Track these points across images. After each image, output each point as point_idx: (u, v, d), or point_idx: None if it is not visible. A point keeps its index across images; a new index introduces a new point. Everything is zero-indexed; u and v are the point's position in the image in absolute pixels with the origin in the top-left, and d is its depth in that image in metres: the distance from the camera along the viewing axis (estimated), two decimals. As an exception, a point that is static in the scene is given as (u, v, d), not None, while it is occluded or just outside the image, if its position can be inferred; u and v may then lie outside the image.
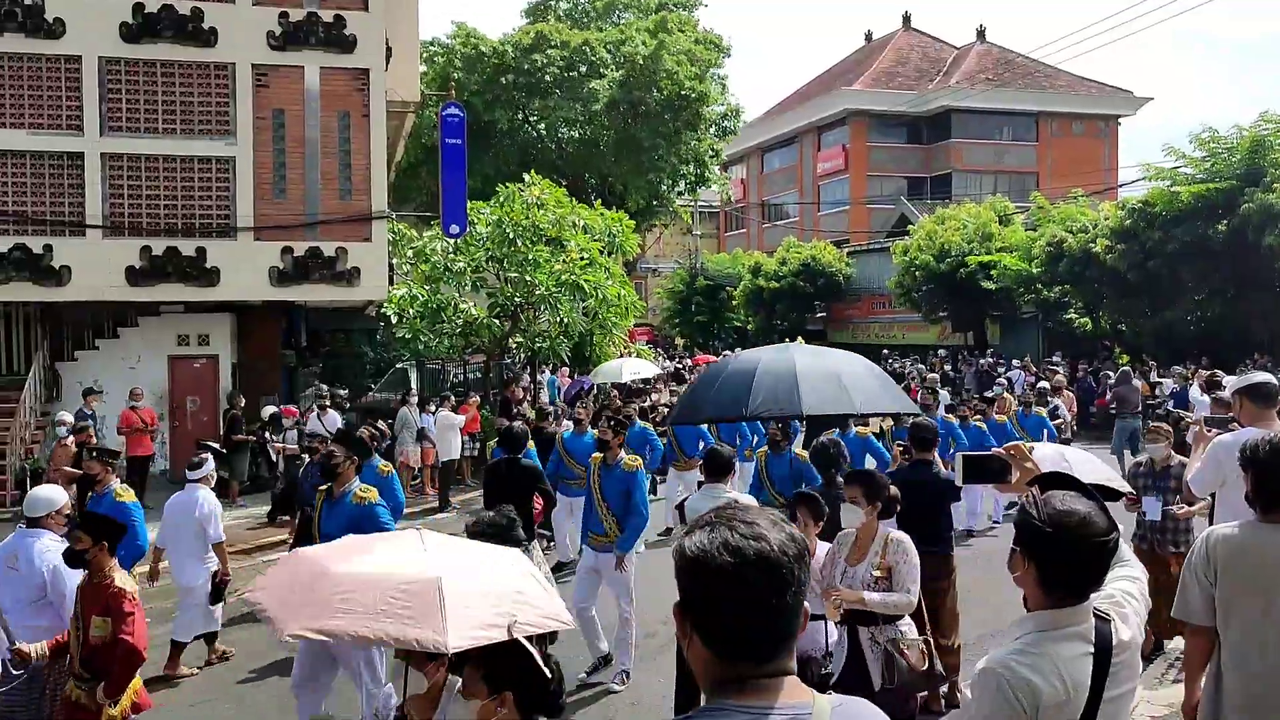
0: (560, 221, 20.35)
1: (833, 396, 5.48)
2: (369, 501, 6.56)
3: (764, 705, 1.67)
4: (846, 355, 6.25)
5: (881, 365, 30.45)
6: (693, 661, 1.75)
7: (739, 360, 5.91)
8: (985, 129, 49.72)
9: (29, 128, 16.23)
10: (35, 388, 16.69)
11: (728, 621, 1.68)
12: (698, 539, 1.72)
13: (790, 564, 1.70)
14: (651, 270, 53.83)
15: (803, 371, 5.60)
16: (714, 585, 1.67)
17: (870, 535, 5.43)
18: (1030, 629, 2.62)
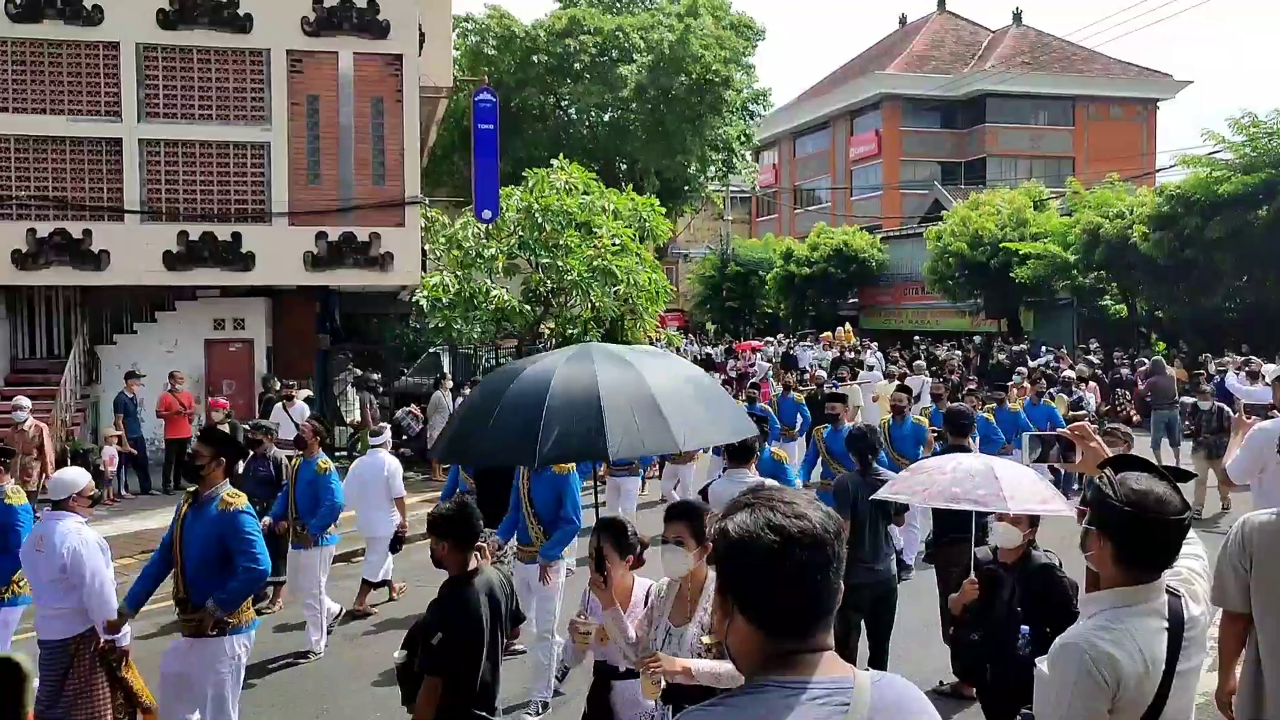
0: (590, 206, 20.35)
1: (648, 432, 3.97)
2: (234, 508, 5.62)
3: (805, 679, 1.70)
4: (666, 365, 4.47)
5: (915, 351, 30.68)
6: (734, 642, 1.78)
7: (527, 376, 4.23)
8: (1021, 113, 49.15)
9: (69, 114, 16.44)
10: (75, 370, 16.93)
11: (774, 599, 1.72)
12: (740, 520, 1.75)
13: (832, 540, 1.75)
14: (682, 255, 53.72)
15: (608, 399, 3.97)
16: (760, 564, 1.71)
17: (699, 586, 4.10)
18: (1106, 605, 2.69)
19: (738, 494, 1.88)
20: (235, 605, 5.60)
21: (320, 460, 8.64)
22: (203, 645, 5.60)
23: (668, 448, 4.06)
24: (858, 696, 1.71)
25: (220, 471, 5.73)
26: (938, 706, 1.89)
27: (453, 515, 4.63)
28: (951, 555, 7.11)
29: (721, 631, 1.80)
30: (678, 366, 4.56)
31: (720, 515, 1.81)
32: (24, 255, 16.25)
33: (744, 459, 6.76)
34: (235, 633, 5.64)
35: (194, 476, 5.81)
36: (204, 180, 16.96)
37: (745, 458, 6.76)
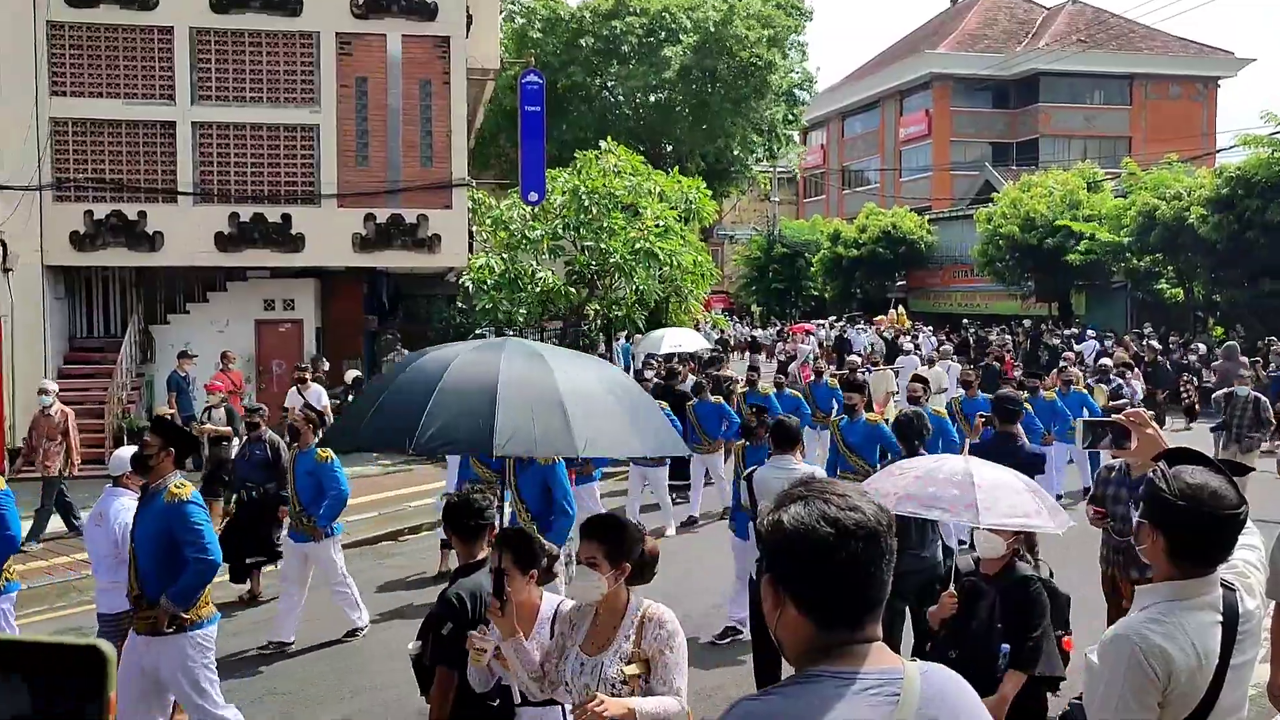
0: (636, 188, 20.32)
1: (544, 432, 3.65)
2: (180, 499, 5.41)
3: (856, 670, 1.72)
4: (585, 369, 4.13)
5: (963, 335, 30.32)
6: (785, 632, 1.80)
7: (424, 363, 4.02)
8: (1075, 92, 48.25)
9: (124, 97, 16.70)
10: (130, 350, 17.26)
11: (827, 591, 1.74)
12: (795, 512, 1.76)
13: (885, 533, 1.76)
14: (728, 237, 53.51)
15: (506, 394, 3.65)
16: (814, 557, 1.73)
17: (618, 612, 3.62)
18: (1160, 598, 2.67)
19: (784, 482, 1.89)
20: (189, 600, 5.35)
21: (320, 450, 8.31)
22: (161, 644, 5.38)
23: (564, 451, 3.77)
24: (908, 687, 1.72)
25: (170, 462, 5.48)
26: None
27: (456, 506, 4.62)
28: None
29: (772, 621, 1.81)
30: (604, 372, 4.26)
31: (772, 507, 1.82)
32: (82, 237, 16.57)
33: (789, 446, 6.73)
34: (194, 628, 5.41)
35: (142, 468, 5.55)
36: (255, 162, 17.17)
37: (790, 444, 6.74)
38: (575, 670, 3.60)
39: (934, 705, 1.73)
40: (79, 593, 9.50)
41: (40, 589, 9.71)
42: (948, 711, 1.75)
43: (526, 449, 3.74)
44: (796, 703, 1.70)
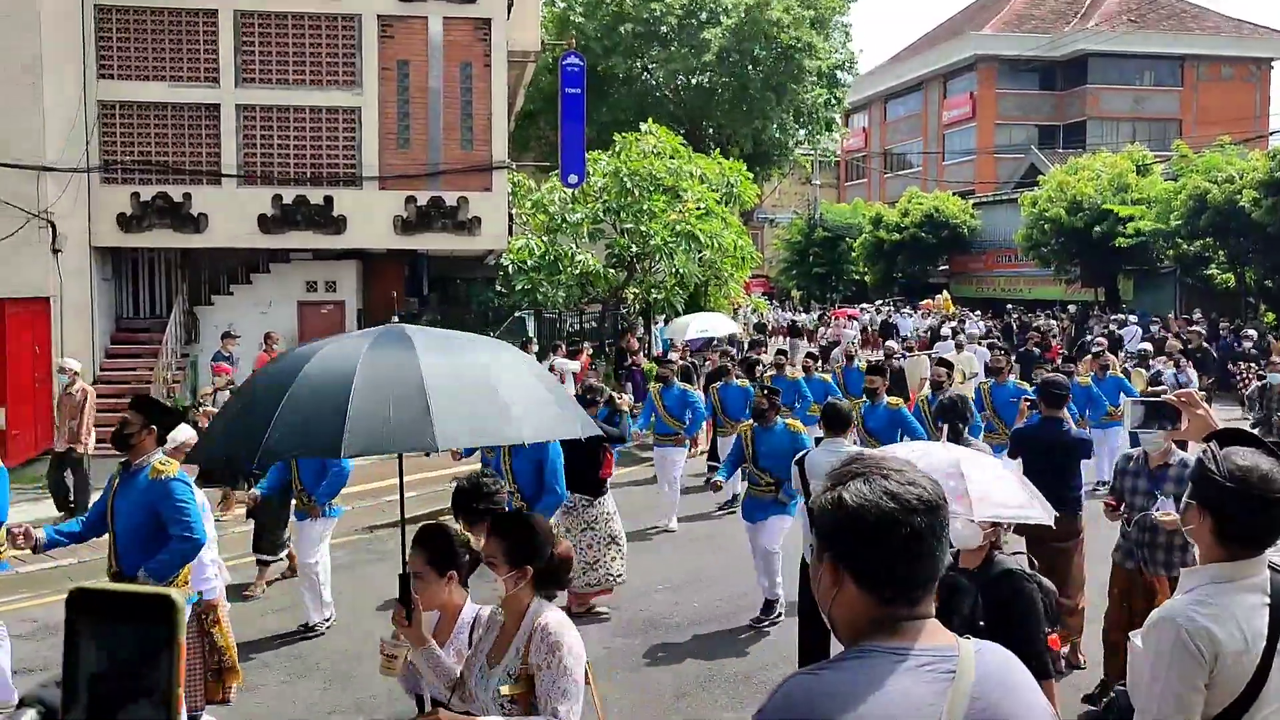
0: (677, 170, 20.24)
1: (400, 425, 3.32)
2: (166, 476, 5.35)
3: (910, 646, 1.72)
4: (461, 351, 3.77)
5: (1006, 320, 29.94)
6: (841, 610, 1.79)
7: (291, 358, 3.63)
8: (1125, 74, 47.38)
9: (169, 80, 16.86)
10: (175, 330, 17.48)
11: (889, 567, 1.74)
12: (857, 488, 1.76)
13: (943, 506, 1.77)
14: (768, 220, 53.23)
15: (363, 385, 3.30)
16: (878, 533, 1.73)
17: (518, 617, 3.29)
18: (1206, 580, 2.66)
19: (837, 463, 1.88)
20: (166, 575, 5.25)
21: None
22: None
23: (418, 445, 3.38)
24: (963, 665, 1.71)
25: (152, 440, 5.43)
26: None
27: (464, 490, 4.57)
28: (1042, 526, 6.94)
29: (827, 600, 1.81)
30: (492, 356, 3.80)
31: (829, 484, 1.80)
32: (128, 218, 16.78)
33: (840, 428, 6.74)
34: None
35: (124, 445, 5.44)
36: (297, 144, 17.28)
37: (842, 427, 6.75)
38: (478, 683, 3.29)
39: (988, 683, 1.72)
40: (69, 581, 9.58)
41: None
42: (1001, 690, 1.74)
43: (378, 446, 3.35)
44: (850, 677, 1.69)
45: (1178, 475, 6.02)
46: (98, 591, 0.89)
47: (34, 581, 9.38)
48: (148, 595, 0.88)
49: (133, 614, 0.88)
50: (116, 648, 0.88)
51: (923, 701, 1.65)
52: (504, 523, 3.42)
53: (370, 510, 12.16)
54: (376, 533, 11.54)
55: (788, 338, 29.27)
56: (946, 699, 1.67)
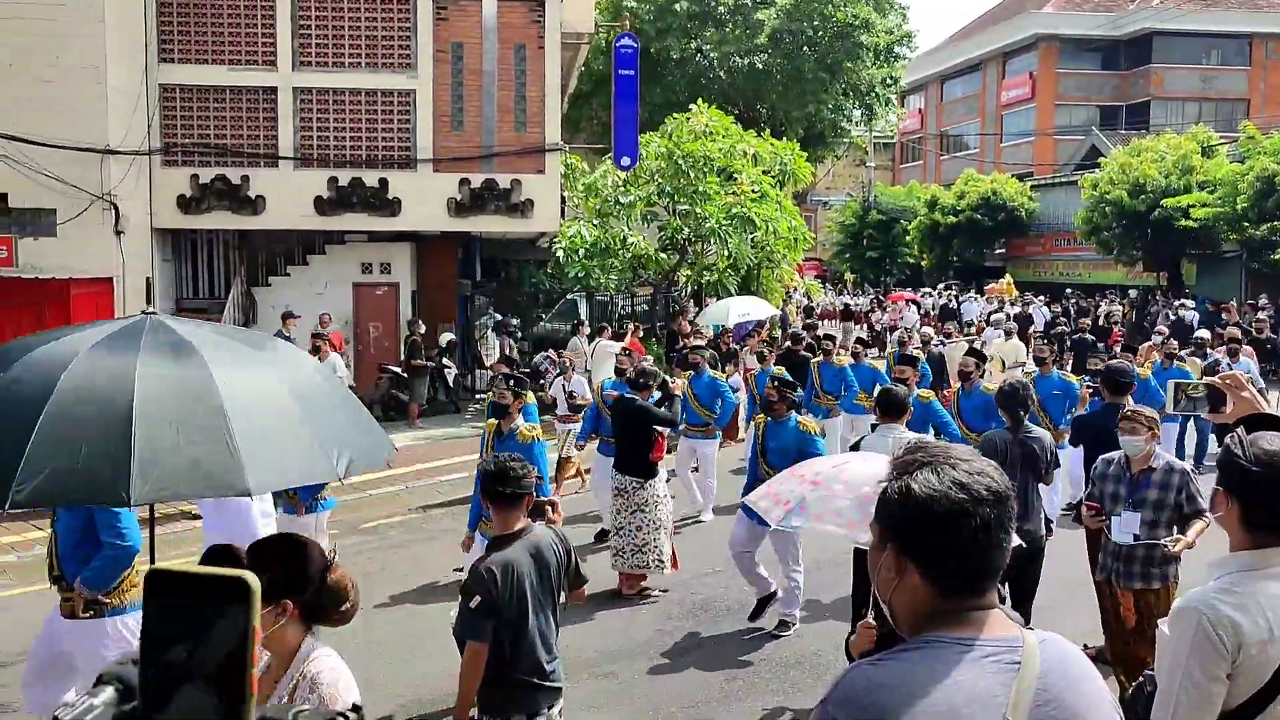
0: (730, 151, 20.10)
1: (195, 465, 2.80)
2: None
3: (976, 637, 1.71)
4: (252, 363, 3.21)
5: (1064, 304, 29.36)
6: (903, 599, 1.77)
7: (32, 365, 2.92)
8: (1190, 52, 46.16)
9: (228, 64, 17.07)
10: (233, 312, 17.75)
11: (957, 558, 1.72)
12: (926, 479, 1.74)
13: (1010, 497, 1.76)
14: (822, 203, 52.77)
15: (146, 411, 2.71)
16: (948, 524, 1.71)
17: (284, 662, 2.89)
18: (1233, 569, 2.62)
19: (897, 450, 1.87)
20: (102, 584, 5.06)
21: None
22: (81, 627, 5.10)
23: (228, 491, 2.87)
24: (1028, 656, 1.70)
25: None
26: None
27: (490, 473, 4.47)
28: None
29: (887, 589, 1.79)
30: (284, 369, 3.20)
31: (894, 474, 1.78)
32: (188, 200, 17.04)
33: (897, 414, 6.65)
34: (115, 613, 5.10)
35: None
36: (353, 127, 17.42)
37: (898, 413, 6.65)
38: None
39: (1053, 676, 1.70)
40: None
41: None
42: (1065, 682, 1.72)
43: (175, 494, 2.80)
44: (913, 668, 1.67)
45: (1161, 481, 5.73)
46: (174, 573, 0.88)
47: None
48: (224, 577, 0.88)
49: (210, 596, 0.88)
50: (192, 629, 0.87)
51: (988, 694, 1.64)
52: (260, 550, 2.90)
53: (424, 490, 12.29)
54: (430, 511, 11.66)
55: (839, 322, 29.00)
56: (1011, 691, 1.65)
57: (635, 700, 6.60)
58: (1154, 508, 5.72)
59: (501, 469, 4.45)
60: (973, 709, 1.62)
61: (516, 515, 4.44)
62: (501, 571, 4.25)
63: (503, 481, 4.42)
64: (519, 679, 4.34)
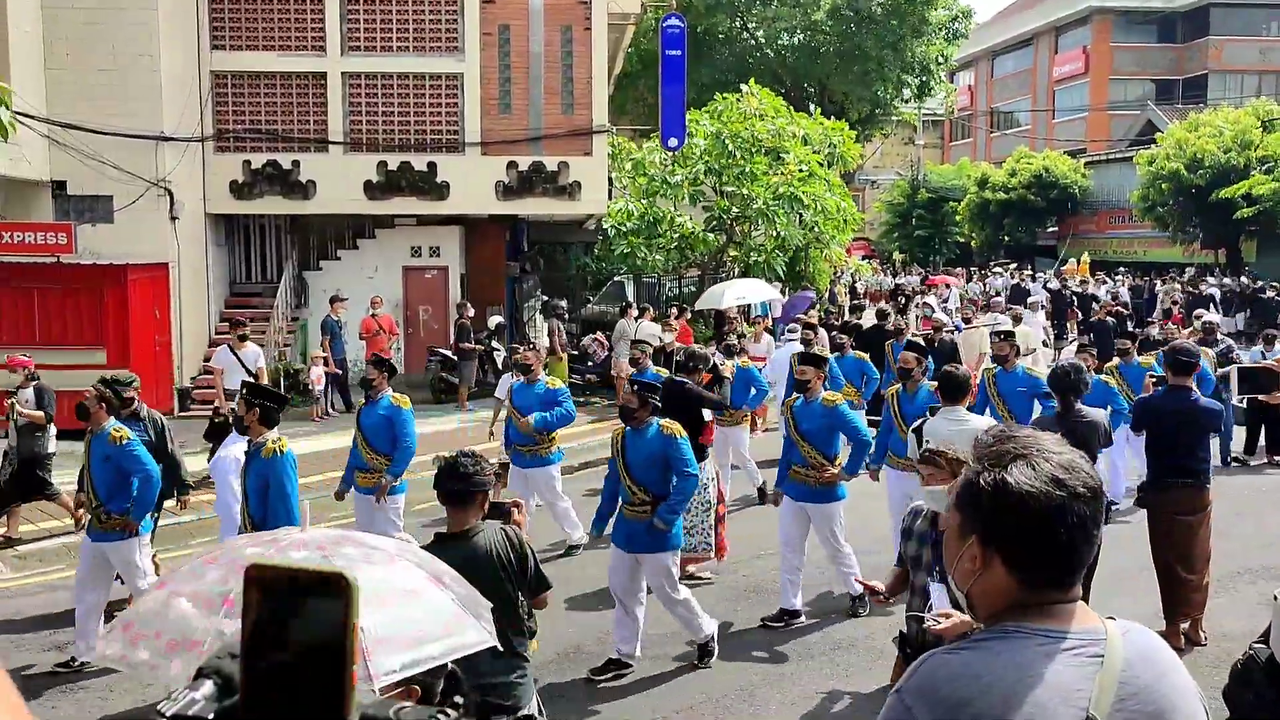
0: (780, 132, 19.93)
1: None
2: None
3: (1060, 629, 1.68)
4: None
5: (1115, 285, 28.65)
6: (984, 589, 1.74)
7: None
8: (1250, 23, 44.92)
9: (278, 50, 17.22)
10: (286, 295, 17.97)
11: (1049, 553, 1.69)
12: (1024, 474, 1.69)
13: (1102, 490, 1.74)
14: (870, 182, 52.18)
15: None
16: (1044, 519, 1.67)
17: None
18: None
19: (959, 434, 1.83)
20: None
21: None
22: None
23: None
24: (1111, 648, 1.67)
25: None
26: None
27: (441, 469, 4.30)
28: (1169, 500, 6.70)
29: (968, 579, 1.75)
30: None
31: (985, 464, 1.73)
32: (240, 185, 17.25)
33: (958, 396, 6.55)
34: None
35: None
36: (401, 111, 17.51)
37: (960, 394, 6.55)
38: None
39: (1137, 667, 1.67)
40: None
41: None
42: (1151, 673, 1.69)
43: None
44: (995, 659, 1.65)
45: None
46: (276, 568, 0.88)
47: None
48: (326, 574, 0.87)
49: (311, 591, 0.87)
50: (293, 625, 0.87)
51: (1070, 687, 1.61)
52: None
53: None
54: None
55: (890, 303, 28.50)
56: (1094, 683, 1.62)
57: (689, 684, 6.61)
58: (945, 588, 4.16)
59: (452, 465, 4.26)
60: (1055, 703, 1.59)
61: (468, 514, 4.24)
62: None
63: (453, 479, 4.23)
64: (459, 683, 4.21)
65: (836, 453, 7.50)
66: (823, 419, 7.39)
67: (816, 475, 7.34)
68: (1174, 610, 6.81)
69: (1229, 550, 8.20)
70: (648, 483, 6.57)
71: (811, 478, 7.39)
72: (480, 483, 4.25)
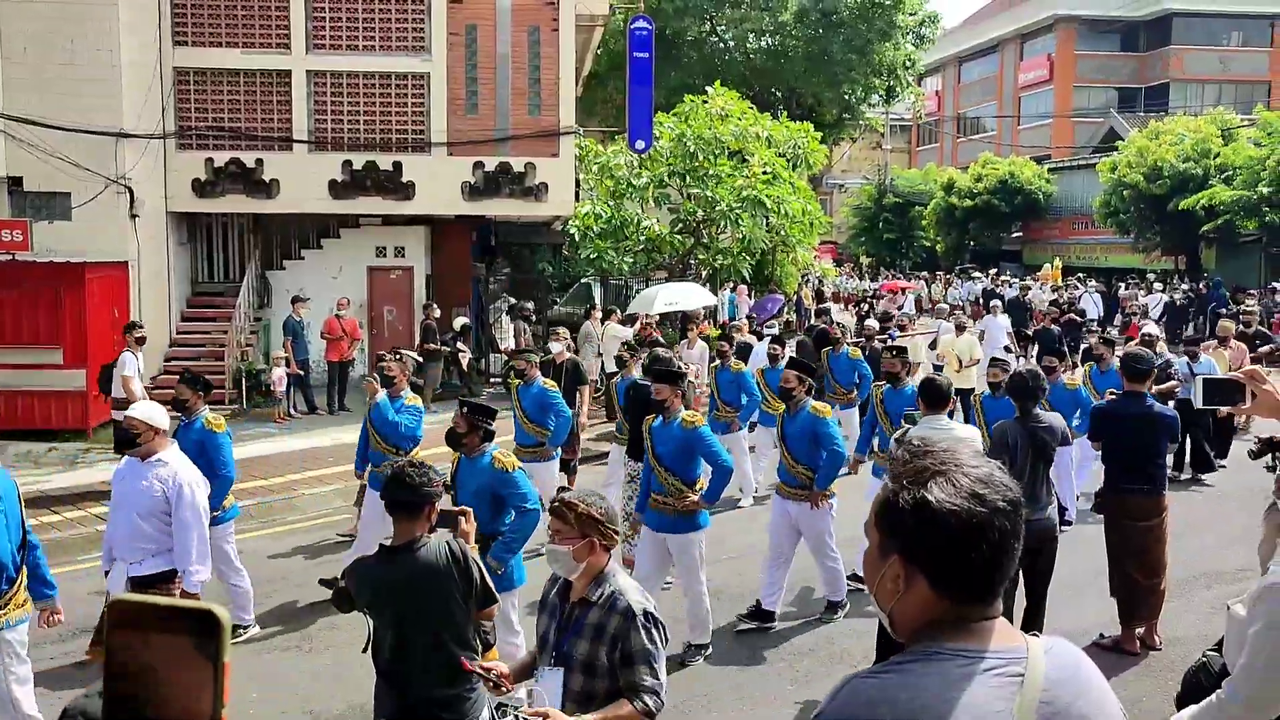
0: (743, 134, 19.96)
1: None
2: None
3: (980, 648, 1.64)
4: None
5: (1076, 292, 28.93)
6: (906, 608, 1.70)
7: None
8: (1211, 33, 45.65)
9: (242, 47, 17.03)
10: (248, 295, 17.77)
11: (970, 569, 1.66)
12: (942, 491, 1.66)
13: (1022, 504, 1.70)
14: (838, 186, 52.48)
15: None
16: (964, 535, 1.64)
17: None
18: None
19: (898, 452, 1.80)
20: None
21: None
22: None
23: None
24: (1032, 667, 1.64)
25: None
26: (1098, 662, 1.79)
27: (388, 479, 4.21)
28: (1125, 506, 6.77)
29: (889, 598, 1.71)
30: None
31: (903, 481, 1.69)
32: (203, 184, 17.04)
33: (939, 404, 6.52)
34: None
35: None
36: (367, 110, 17.37)
37: (942, 402, 6.52)
38: None
39: (1059, 686, 1.64)
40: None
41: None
42: (1073, 690, 1.66)
43: None
44: (915, 681, 1.61)
45: (597, 620, 3.47)
46: (137, 604, 0.85)
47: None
48: (190, 610, 0.84)
49: (174, 628, 0.84)
50: (157, 662, 0.84)
51: (989, 708, 1.58)
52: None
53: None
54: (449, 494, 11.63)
55: (864, 305, 28.40)
56: (1014, 704, 1.60)
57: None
58: (584, 669, 3.48)
59: (399, 475, 4.14)
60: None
61: (415, 525, 4.13)
62: (353, 578, 4.24)
63: (399, 489, 4.12)
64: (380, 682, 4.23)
65: (697, 477, 6.93)
66: (681, 442, 6.83)
67: (674, 504, 6.82)
68: (1130, 615, 6.88)
69: (1182, 555, 8.29)
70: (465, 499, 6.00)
71: (669, 506, 6.87)
72: (427, 494, 4.14)
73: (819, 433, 7.38)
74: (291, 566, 9.18)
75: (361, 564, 4.29)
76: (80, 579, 8.54)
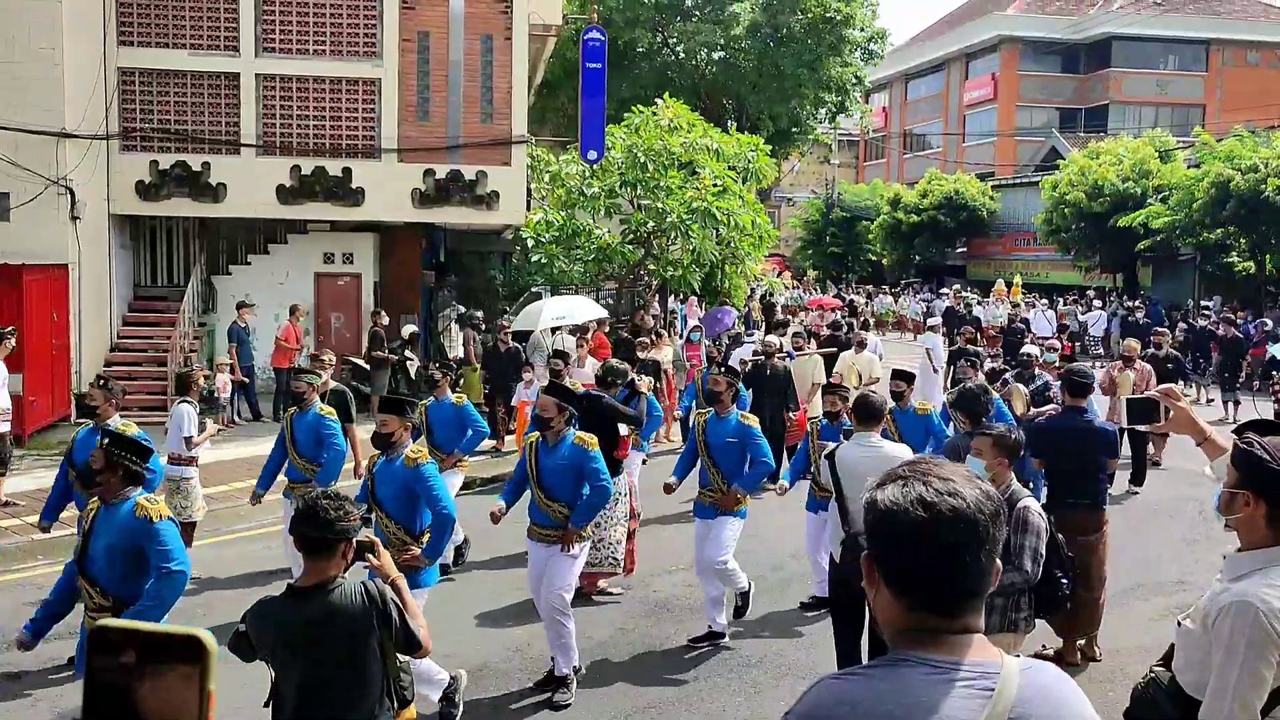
0: (693, 145, 20.07)
1: None
2: None
3: (951, 660, 1.67)
4: None
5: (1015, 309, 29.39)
6: (879, 610, 1.78)
7: None
8: (1149, 57, 46.85)
9: (189, 48, 16.79)
10: (193, 299, 17.48)
11: (918, 575, 1.71)
12: (891, 493, 1.72)
13: (985, 521, 1.69)
14: (786, 199, 52.93)
15: None
16: (905, 539, 1.69)
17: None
18: (1261, 564, 2.80)
19: (870, 460, 1.87)
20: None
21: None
22: None
23: None
24: (1004, 683, 1.65)
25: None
26: None
27: (299, 514, 3.75)
28: (1067, 522, 6.90)
29: (870, 596, 1.80)
30: None
31: (875, 483, 1.78)
32: (147, 186, 16.75)
33: (873, 421, 6.50)
34: None
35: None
36: (317, 115, 17.21)
37: (874, 419, 6.50)
38: None
39: (1031, 703, 1.65)
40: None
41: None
42: (1046, 708, 1.67)
43: None
44: (879, 685, 1.66)
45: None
46: (121, 630, 0.84)
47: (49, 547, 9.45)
48: (176, 636, 0.83)
49: (159, 655, 0.83)
50: (140, 691, 0.83)
51: (954, 718, 1.61)
52: None
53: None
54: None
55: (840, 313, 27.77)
56: (983, 715, 1.62)
57: (593, 702, 6.58)
58: None
59: (310, 508, 3.68)
60: None
61: (328, 565, 3.71)
62: (255, 621, 3.76)
63: (309, 524, 3.68)
64: None
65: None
66: (403, 481, 6.05)
67: (555, 534, 6.54)
68: (1072, 629, 7.02)
69: (1120, 567, 8.47)
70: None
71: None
72: (343, 530, 3.68)
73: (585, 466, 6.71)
74: (235, 576, 9.05)
75: (265, 605, 3.78)
76: (12, 590, 8.34)
